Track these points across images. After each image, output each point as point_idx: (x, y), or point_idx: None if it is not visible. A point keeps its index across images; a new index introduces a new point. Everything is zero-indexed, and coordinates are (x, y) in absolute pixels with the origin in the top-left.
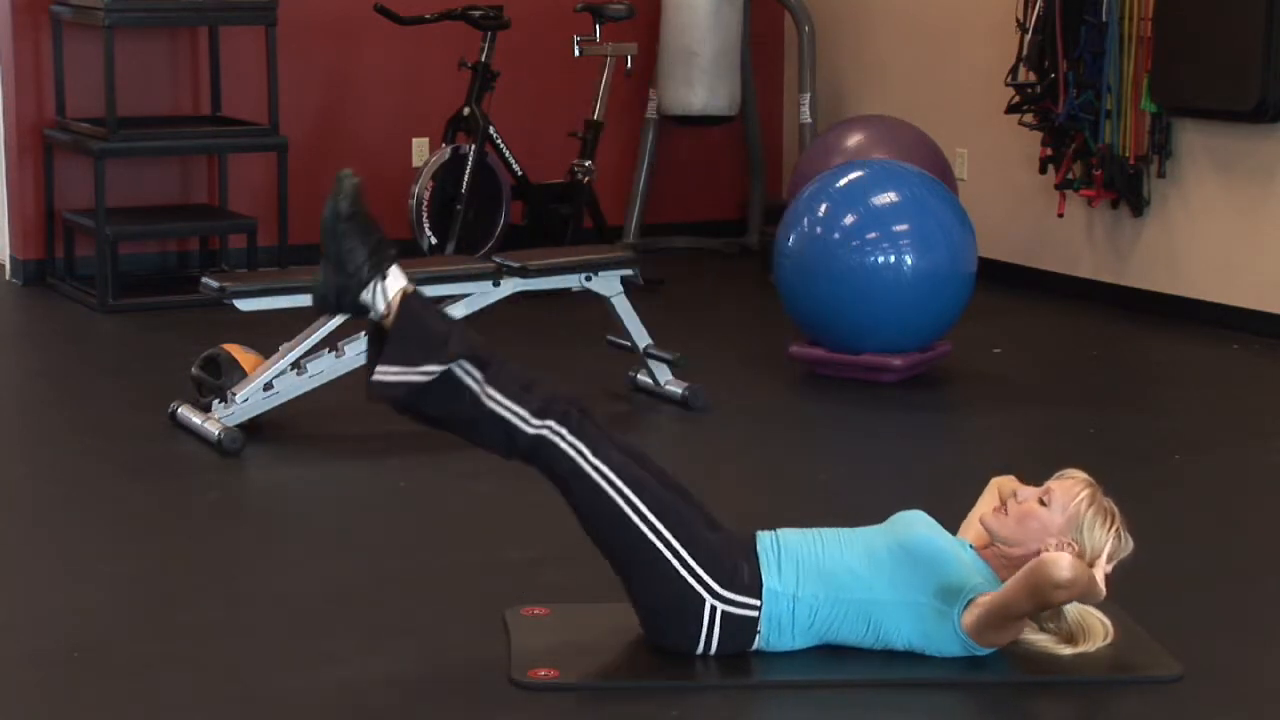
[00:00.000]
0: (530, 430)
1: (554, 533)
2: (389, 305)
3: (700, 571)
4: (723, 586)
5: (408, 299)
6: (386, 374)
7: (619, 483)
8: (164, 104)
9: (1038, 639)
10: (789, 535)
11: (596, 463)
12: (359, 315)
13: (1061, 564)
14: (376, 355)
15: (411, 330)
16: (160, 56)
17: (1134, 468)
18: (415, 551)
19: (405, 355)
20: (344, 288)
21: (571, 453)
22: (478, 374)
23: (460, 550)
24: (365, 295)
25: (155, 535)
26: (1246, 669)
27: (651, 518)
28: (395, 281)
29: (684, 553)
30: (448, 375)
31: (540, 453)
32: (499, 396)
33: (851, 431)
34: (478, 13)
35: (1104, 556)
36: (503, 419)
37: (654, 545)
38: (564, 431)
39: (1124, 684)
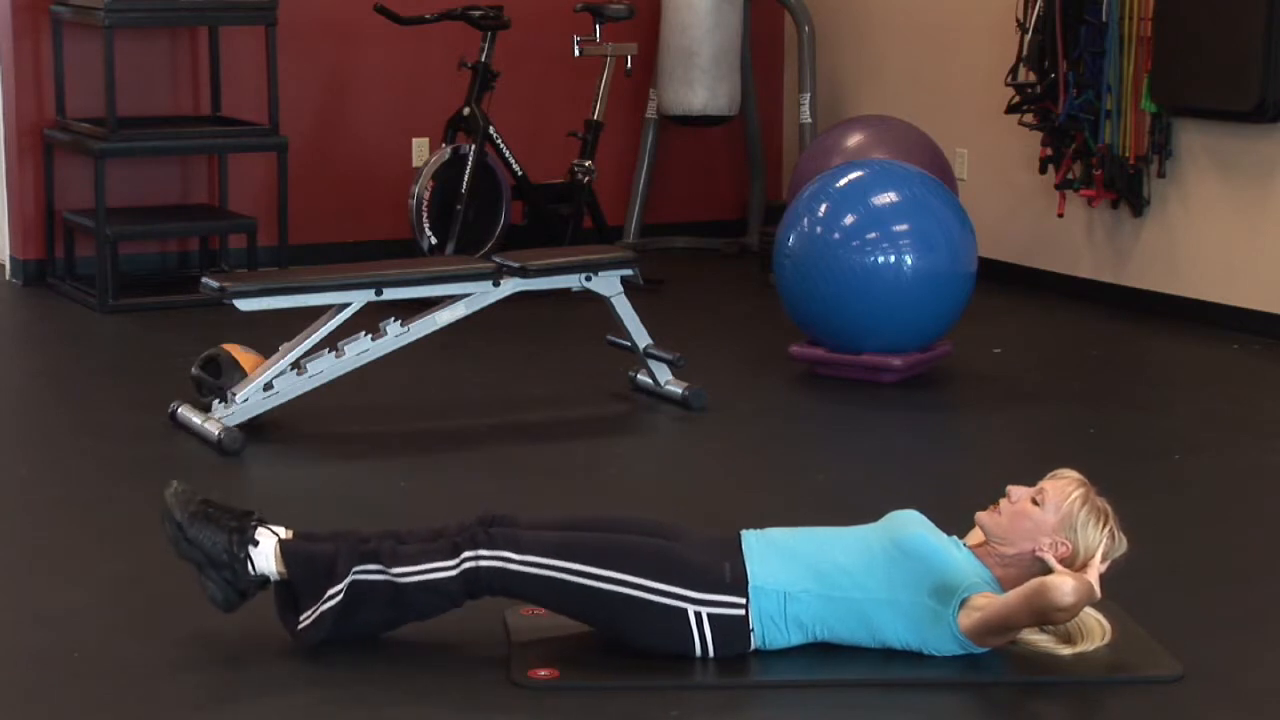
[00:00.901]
0: (455, 573)
1: None
2: (275, 562)
3: (669, 588)
4: (698, 590)
5: (284, 547)
6: (306, 619)
7: (554, 562)
8: (164, 104)
9: (1036, 639)
10: (777, 533)
11: (524, 558)
12: (261, 588)
13: (1065, 589)
14: (294, 611)
15: (301, 571)
16: (160, 56)
17: (1134, 468)
18: None
19: (310, 594)
20: (233, 577)
21: (498, 564)
22: (376, 567)
23: None
24: (251, 572)
25: (155, 535)
26: (1246, 669)
27: (600, 572)
28: (266, 541)
29: (645, 581)
30: (354, 587)
31: (476, 583)
32: (408, 569)
33: (851, 431)
34: (478, 13)
35: (1098, 556)
36: (426, 584)
37: (616, 593)
38: (480, 553)
39: (1123, 684)
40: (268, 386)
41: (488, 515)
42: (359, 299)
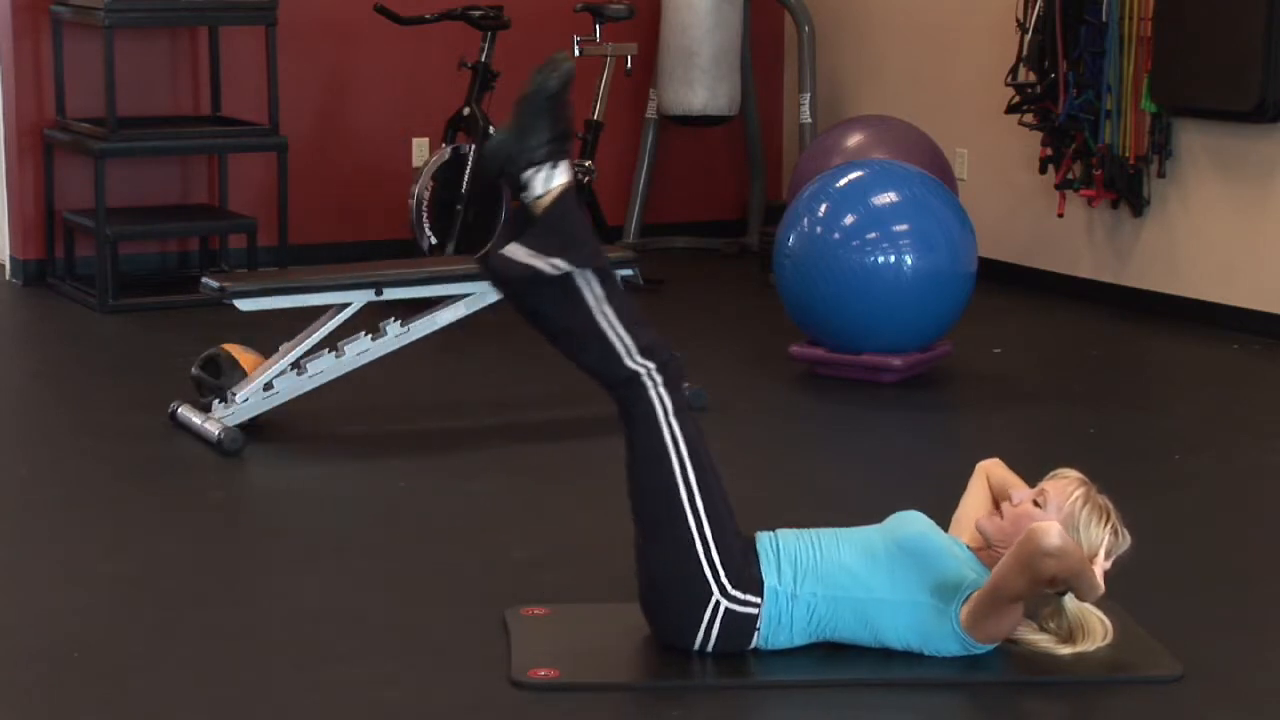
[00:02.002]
0: (629, 364)
1: (554, 533)
2: (547, 192)
3: (718, 564)
4: (731, 585)
5: (567, 192)
6: (516, 253)
7: (684, 451)
8: (164, 104)
9: (1037, 639)
10: (787, 535)
11: (673, 423)
12: (512, 187)
13: (1051, 532)
14: (515, 234)
15: (559, 222)
16: (160, 56)
17: (1134, 468)
18: (415, 551)
19: (542, 243)
20: (515, 157)
21: (656, 402)
22: (599, 289)
23: (460, 550)
24: (528, 174)
25: (155, 536)
26: (1246, 669)
27: (697, 496)
28: (562, 175)
29: (710, 541)
30: (569, 279)
31: (629, 388)
32: (613, 318)
33: (851, 431)
34: (478, 13)
35: (1101, 553)
36: (609, 342)
37: (687, 522)
38: (659, 380)
39: (1123, 684)
40: (268, 386)
41: (682, 363)
42: (359, 299)
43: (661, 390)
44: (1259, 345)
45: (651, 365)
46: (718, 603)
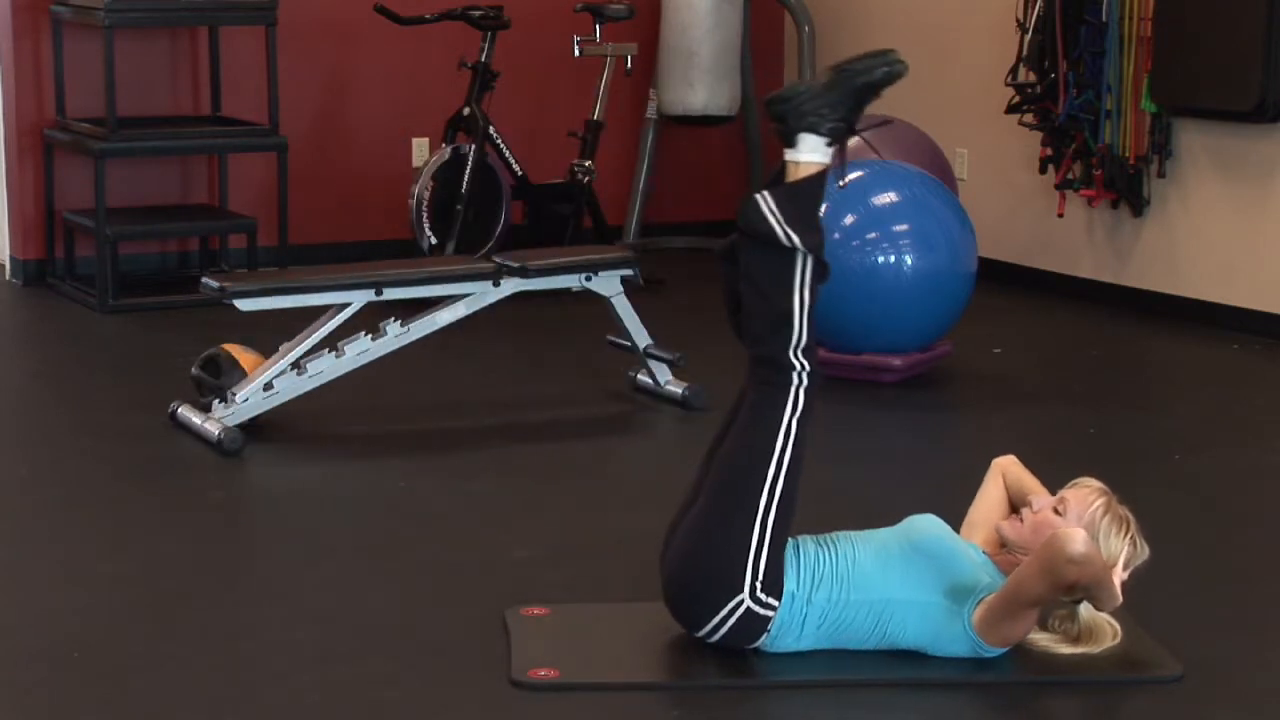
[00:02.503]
0: (791, 355)
1: (554, 533)
2: (809, 162)
3: (760, 568)
4: (762, 591)
5: (823, 174)
6: (767, 204)
7: (788, 456)
8: (164, 104)
9: (1040, 637)
10: (807, 543)
11: (794, 427)
12: (783, 136)
13: (1076, 538)
14: (771, 184)
15: (805, 198)
16: (160, 56)
17: (1134, 468)
18: (415, 551)
19: (786, 209)
20: (804, 111)
21: (791, 400)
22: (809, 278)
23: (460, 550)
24: (804, 134)
25: (155, 535)
26: (1246, 669)
27: (775, 501)
28: (826, 154)
29: (765, 546)
30: (792, 256)
31: (778, 374)
32: (806, 308)
33: (851, 431)
34: (478, 13)
35: (1120, 564)
36: (790, 325)
37: (754, 519)
38: (805, 383)
39: (1125, 684)
40: (268, 386)
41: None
42: (359, 299)
43: (803, 392)
44: (1259, 345)
45: (807, 365)
46: (741, 601)
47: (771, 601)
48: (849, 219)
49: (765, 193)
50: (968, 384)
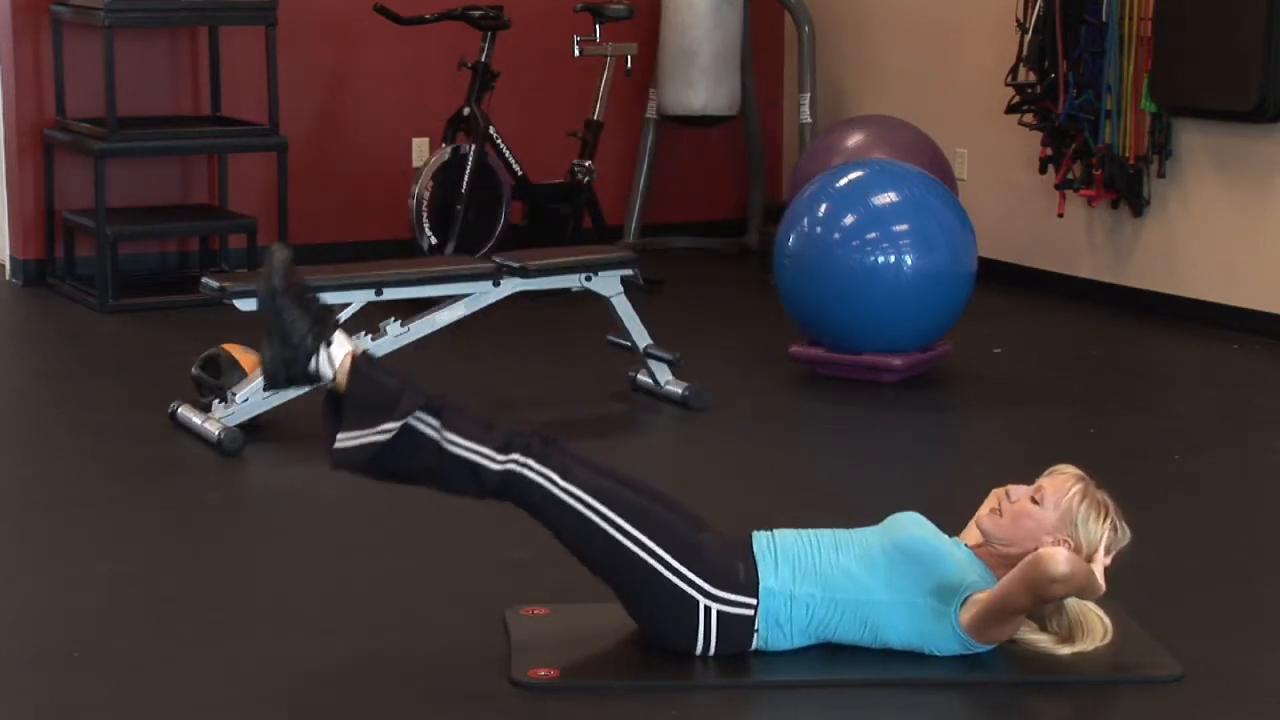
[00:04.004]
0: (496, 467)
1: None
2: (338, 371)
3: (689, 574)
4: (715, 586)
5: (356, 362)
6: (347, 440)
7: (593, 502)
8: (164, 104)
9: (1037, 638)
10: (785, 535)
11: (568, 486)
12: (311, 385)
13: (1059, 558)
14: (336, 424)
15: (364, 392)
16: (160, 56)
17: (1134, 468)
18: (415, 551)
19: (362, 418)
20: (291, 360)
21: (541, 481)
22: (435, 422)
23: (460, 550)
24: (313, 365)
25: (155, 535)
26: (1246, 669)
27: (632, 530)
28: (341, 347)
29: (669, 559)
30: (406, 430)
31: (511, 487)
32: (460, 440)
33: (851, 431)
34: (478, 13)
35: (1101, 549)
36: (468, 461)
37: (638, 556)
38: (530, 462)
39: (1124, 684)
40: None
41: (546, 432)
42: (359, 299)
43: (538, 468)
44: (1259, 345)
45: (516, 455)
46: (708, 608)
47: (741, 599)
48: (849, 219)
49: (338, 436)
50: (968, 384)
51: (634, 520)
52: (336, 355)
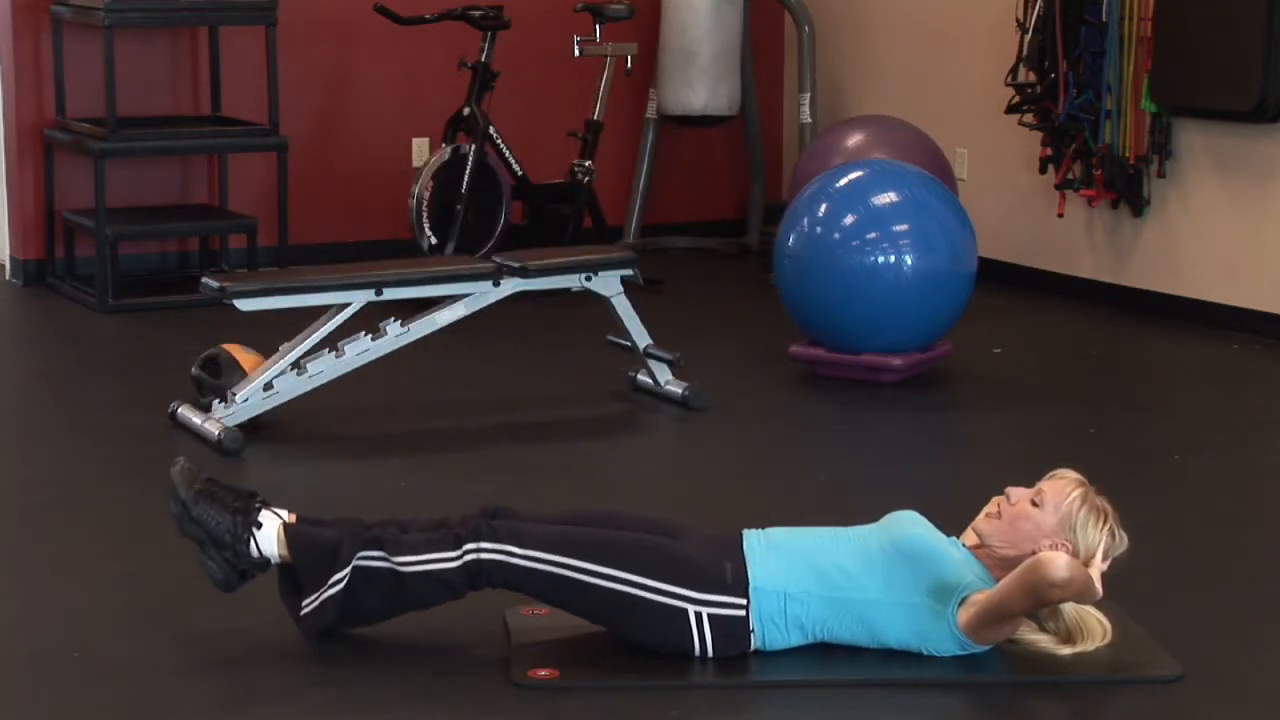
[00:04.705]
0: (457, 564)
1: None
2: (278, 546)
3: (669, 588)
4: (698, 591)
5: (288, 531)
6: (309, 605)
7: (553, 557)
8: (164, 104)
9: (1036, 639)
10: (779, 533)
11: (525, 552)
12: (261, 570)
13: (1058, 563)
14: (297, 596)
15: (306, 555)
16: (160, 56)
17: (1134, 468)
18: None
19: (313, 580)
20: (235, 558)
21: (500, 558)
22: (379, 553)
23: None
24: (253, 555)
25: (155, 535)
26: (1246, 669)
27: (599, 569)
28: (269, 524)
29: (645, 580)
30: (357, 573)
31: (479, 576)
32: (411, 558)
33: (851, 431)
34: (478, 13)
35: (1099, 555)
36: (429, 574)
37: (615, 590)
38: (483, 545)
39: (1124, 684)
40: (268, 386)
41: (490, 508)
42: (359, 299)
43: (491, 547)
44: (1259, 345)
45: (467, 545)
46: (697, 614)
47: (730, 599)
48: (849, 219)
49: (303, 606)
50: (968, 384)
51: (598, 558)
52: (270, 533)
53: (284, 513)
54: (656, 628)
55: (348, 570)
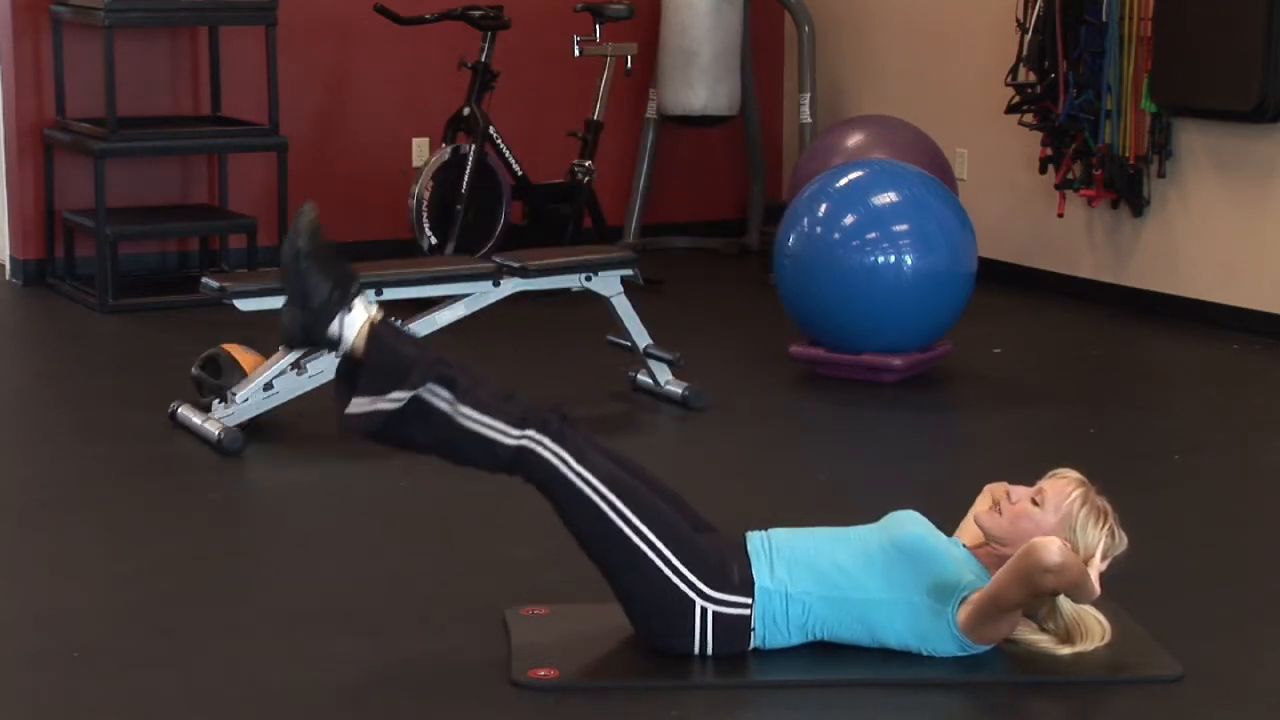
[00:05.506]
0: (510, 442)
1: (554, 533)
2: (356, 337)
3: (687, 574)
4: (711, 588)
5: (375, 328)
6: (358, 406)
7: (603, 488)
8: (164, 104)
9: (1036, 639)
10: (780, 534)
11: (580, 469)
12: (328, 349)
13: (1051, 548)
14: (350, 389)
15: (379, 360)
16: (160, 56)
17: (1134, 468)
18: (415, 551)
19: (373, 386)
20: (310, 324)
21: (554, 460)
22: (447, 394)
23: (460, 550)
24: (333, 329)
25: (155, 535)
26: (1246, 669)
27: (636, 522)
28: (360, 313)
29: (670, 555)
30: (416, 401)
31: (523, 462)
32: (472, 413)
33: (851, 431)
34: (478, 13)
35: (1098, 555)
36: (481, 435)
37: (639, 549)
38: (545, 440)
39: (1124, 684)
40: (268, 386)
41: (562, 408)
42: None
43: (553, 447)
44: (1259, 345)
45: (530, 432)
46: (703, 609)
47: (737, 599)
48: (849, 219)
49: (353, 399)
50: (968, 384)
51: (641, 513)
52: (355, 321)
53: (376, 309)
54: (659, 605)
55: (410, 394)
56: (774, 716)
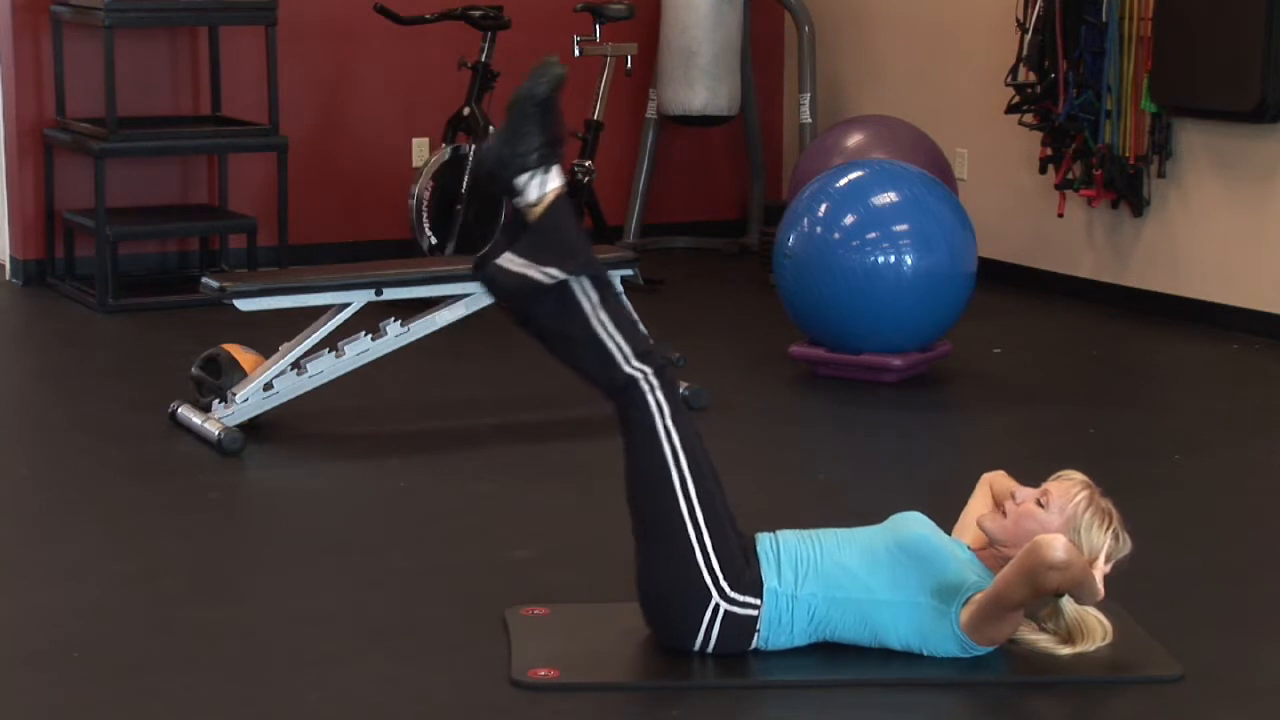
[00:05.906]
0: (627, 369)
1: (554, 533)
2: (541, 198)
3: (715, 566)
4: (731, 587)
5: (561, 199)
6: (512, 263)
7: (680, 454)
8: (164, 104)
9: (1036, 639)
10: (787, 536)
11: (670, 426)
12: (506, 192)
13: (1056, 545)
14: (509, 242)
15: (552, 231)
16: (160, 56)
17: (1134, 468)
18: (415, 551)
19: (536, 252)
20: (506, 163)
21: (653, 406)
22: (595, 295)
23: (460, 550)
24: (521, 179)
25: (155, 535)
26: (1246, 669)
27: (694, 499)
28: (554, 180)
29: (708, 543)
30: (564, 287)
31: (627, 393)
32: (609, 324)
33: (851, 431)
34: (478, 13)
35: (1102, 557)
36: (605, 348)
37: (684, 524)
38: (656, 384)
39: (1124, 684)
40: (268, 386)
41: (676, 361)
42: (359, 299)
43: (659, 394)
44: (1259, 345)
45: (649, 369)
46: (717, 605)
47: (749, 600)
48: (849, 219)
49: (508, 253)
50: (968, 384)
51: (700, 492)
52: (549, 184)
53: (564, 185)
54: (679, 588)
55: (565, 276)
56: (774, 716)
